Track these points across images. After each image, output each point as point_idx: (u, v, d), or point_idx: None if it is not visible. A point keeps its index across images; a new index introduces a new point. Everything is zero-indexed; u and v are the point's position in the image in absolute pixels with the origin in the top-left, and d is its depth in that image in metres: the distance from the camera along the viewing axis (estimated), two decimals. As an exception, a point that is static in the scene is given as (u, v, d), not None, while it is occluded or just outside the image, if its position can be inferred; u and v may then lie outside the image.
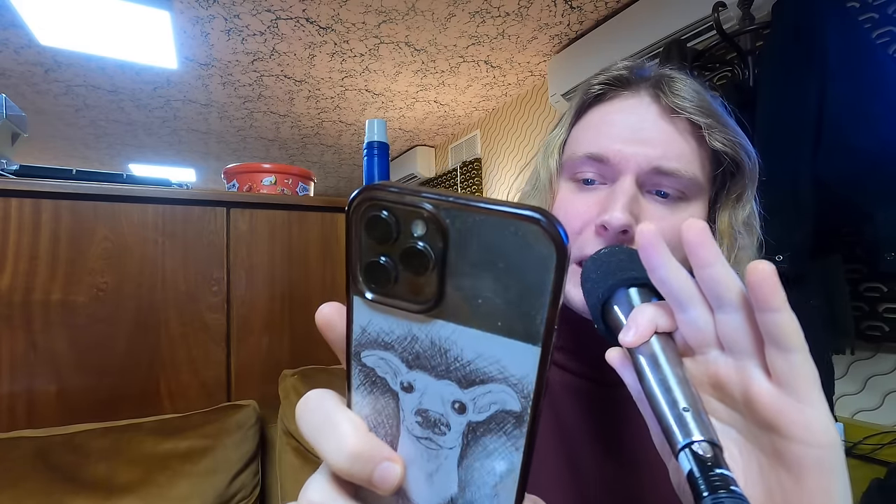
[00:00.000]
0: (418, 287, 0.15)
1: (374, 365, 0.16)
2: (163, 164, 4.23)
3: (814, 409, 0.22)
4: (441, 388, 0.15)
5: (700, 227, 0.24)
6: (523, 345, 0.14)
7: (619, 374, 0.29)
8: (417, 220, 0.14)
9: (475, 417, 0.15)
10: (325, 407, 0.17)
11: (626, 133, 0.42)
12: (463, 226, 0.14)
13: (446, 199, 0.14)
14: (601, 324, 0.33)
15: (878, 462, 1.12)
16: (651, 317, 0.27)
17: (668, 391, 0.24)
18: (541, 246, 0.13)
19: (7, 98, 1.04)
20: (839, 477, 0.23)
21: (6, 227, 0.92)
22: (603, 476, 0.44)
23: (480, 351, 0.15)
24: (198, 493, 0.85)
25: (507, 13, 1.92)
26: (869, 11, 1.22)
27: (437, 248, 0.14)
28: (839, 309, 1.08)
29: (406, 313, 0.15)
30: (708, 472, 0.20)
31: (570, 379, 0.47)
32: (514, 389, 0.14)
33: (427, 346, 0.15)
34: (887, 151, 0.92)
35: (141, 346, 1.01)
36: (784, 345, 0.22)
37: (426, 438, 0.16)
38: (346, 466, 0.15)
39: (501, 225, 0.13)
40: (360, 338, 0.16)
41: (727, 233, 0.43)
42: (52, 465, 0.81)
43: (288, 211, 1.18)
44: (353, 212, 0.15)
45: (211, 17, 1.93)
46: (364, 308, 0.16)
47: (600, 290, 0.32)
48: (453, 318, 0.15)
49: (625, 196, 0.39)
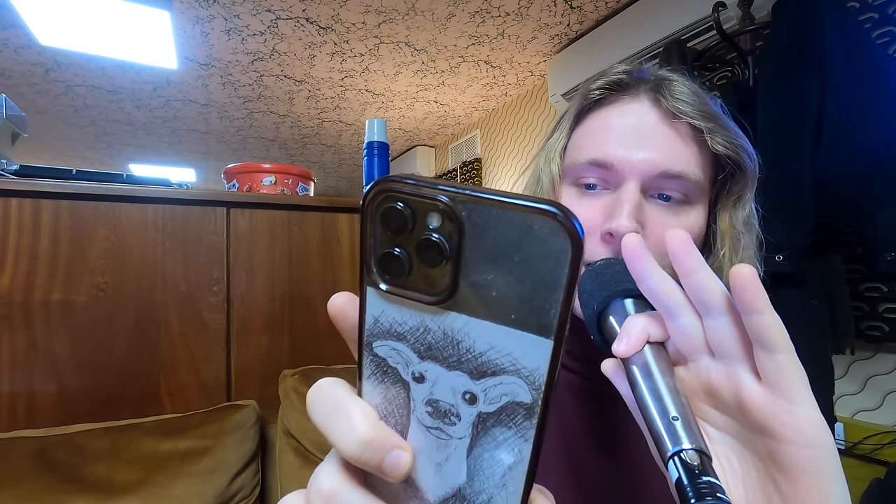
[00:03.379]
0: (432, 279, 0.15)
1: (385, 355, 0.17)
2: (163, 164, 4.23)
3: (804, 410, 0.23)
4: (452, 378, 0.16)
5: (682, 237, 0.25)
6: (536, 337, 0.14)
7: (613, 384, 0.29)
8: (433, 212, 0.14)
9: (486, 408, 0.15)
10: (337, 395, 0.17)
11: (628, 138, 0.41)
12: (479, 218, 0.14)
13: (463, 191, 0.14)
14: (597, 334, 0.33)
15: (878, 462, 1.13)
16: (643, 327, 0.27)
17: (658, 400, 0.24)
18: (556, 240, 0.13)
19: (7, 98, 1.04)
20: (835, 477, 0.23)
21: (6, 227, 0.92)
22: (604, 474, 0.44)
23: (493, 343, 0.15)
24: (198, 493, 0.85)
25: (507, 13, 1.92)
26: (869, 11, 1.22)
27: (452, 240, 0.14)
28: (839, 309, 1.08)
29: (419, 304, 0.15)
30: (695, 479, 0.21)
31: (572, 378, 0.47)
32: (525, 381, 0.15)
33: (439, 338, 0.15)
34: (887, 151, 0.92)
35: (141, 346, 1.01)
36: (770, 346, 0.23)
37: (436, 428, 0.16)
38: (357, 453, 0.16)
39: (517, 218, 0.14)
40: (372, 328, 0.17)
41: (729, 233, 0.43)
42: (52, 465, 0.81)
43: (288, 211, 1.18)
44: (368, 203, 0.15)
45: (211, 17, 1.93)
46: (377, 298, 0.16)
47: (595, 301, 0.33)
48: (467, 310, 0.15)
49: (630, 203, 0.39)
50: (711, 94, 0.44)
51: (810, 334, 1.00)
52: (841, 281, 1.10)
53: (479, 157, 3.19)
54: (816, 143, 0.95)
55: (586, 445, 0.45)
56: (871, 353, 1.21)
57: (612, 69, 0.45)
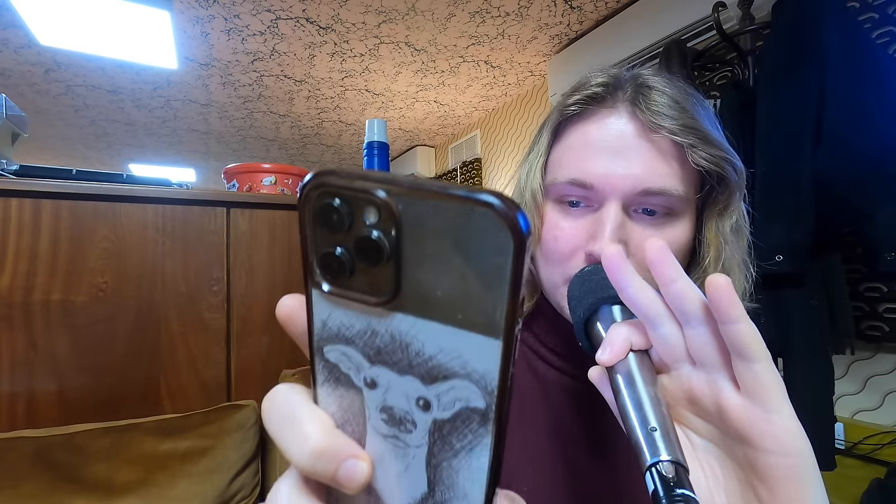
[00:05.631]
0: (375, 278, 0.14)
1: (336, 360, 0.16)
2: (163, 164, 4.23)
3: (781, 418, 0.23)
4: (404, 384, 0.15)
5: (659, 246, 0.25)
6: (484, 338, 0.13)
7: (599, 391, 0.29)
8: (370, 207, 0.14)
9: (440, 415, 0.15)
10: (291, 402, 0.16)
11: (607, 156, 0.40)
12: (417, 212, 0.13)
13: (398, 183, 0.13)
14: (585, 340, 0.33)
15: (878, 462, 1.12)
16: (626, 336, 0.27)
17: (639, 409, 0.24)
18: (497, 232, 0.12)
19: (7, 98, 1.04)
20: (813, 485, 0.23)
21: (6, 227, 0.92)
22: (597, 475, 0.45)
23: (442, 345, 0.14)
24: (198, 493, 0.85)
25: (507, 13, 1.92)
26: (869, 11, 1.22)
27: (391, 236, 0.14)
28: (839, 309, 1.08)
29: (365, 306, 0.15)
30: (670, 491, 0.21)
31: (566, 381, 0.48)
32: (476, 386, 0.14)
33: (388, 341, 0.15)
34: (887, 151, 0.92)
35: (141, 346, 1.01)
36: (746, 355, 0.23)
37: (393, 437, 0.16)
38: (310, 465, 0.15)
39: (456, 210, 0.13)
40: (321, 332, 0.16)
41: (714, 243, 0.43)
42: (52, 465, 0.81)
43: (288, 211, 1.18)
44: (304, 199, 0.14)
45: (211, 17, 1.93)
46: (323, 301, 0.15)
47: (582, 308, 0.33)
48: (412, 310, 0.14)
49: (611, 224, 0.39)
50: (698, 99, 0.43)
51: (810, 334, 1.00)
52: (841, 281, 1.10)
53: (480, 157, 3.19)
54: (816, 143, 0.95)
55: (580, 447, 0.45)
56: (871, 353, 1.21)
57: (588, 81, 0.44)
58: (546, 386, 0.48)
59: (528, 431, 0.46)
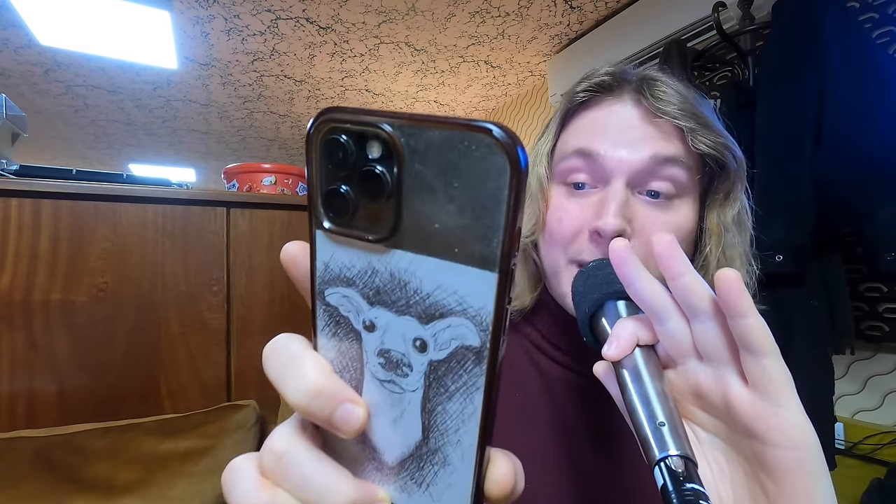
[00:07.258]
0: (376, 214, 0.14)
1: (337, 303, 0.16)
2: (163, 164, 4.23)
3: (789, 413, 0.23)
4: (402, 324, 0.15)
5: (667, 240, 0.25)
6: (479, 271, 0.13)
7: (605, 386, 0.29)
8: (373, 140, 0.14)
9: (436, 356, 0.15)
10: (292, 349, 0.17)
11: (613, 133, 0.42)
12: (417, 144, 0.13)
13: (403, 116, 0.13)
14: (590, 336, 0.33)
15: (878, 462, 1.12)
16: (632, 330, 0.27)
17: (646, 405, 0.24)
18: (494, 158, 0.12)
19: (7, 98, 1.04)
20: (820, 479, 0.23)
21: (6, 227, 0.92)
22: (602, 471, 0.45)
23: (439, 281, 0.14)
24: (198, 493, 0.85)
25: (507, 13, 1.92)
26: (869, 11, 1.22)
27: (392, 170, 0.14)
28: (839, 309, 1.08)
29: (365, 244, 0.15)
30: (680, 486, 0.21)
31: (570, 376, 0.48)
32: (472, 322, 0.14)
33: (387, 280, 0.15)
34: (887, 151, 0.92)
35: (141, 346, 1.01)
36: (755, 349, 0.23)
37: (389, 381, 0.16)
38: (306, 403, 0.15)
39: (454, 139, 0.13)
40: (323, 274, 0.16)
41: (716, 231, 0.43)
42: (52, 465, 0.81)
43: (288, 211, 1.18)
44: (313, 134, 0.15)
45: (211, 17, 1.93)
46: (326, 242, 0.15)
47: (587, 303, 0.33)
48: (411, 246, 0.14)
49: (616, 201, 0.40)
50: (700, 95, 0.44)
51: (810, 334, 1.00)
52: (841, 281, 1.10)
53: (479, 157, 3.19)
54: (816, 143, 0.95)
55: (585, 442, 0.45)
56: (871, 353, 1.21)
57: (596, 71, 0.46)
58: (549, 381, 0.48)
59: (531, 427, 0.46)
